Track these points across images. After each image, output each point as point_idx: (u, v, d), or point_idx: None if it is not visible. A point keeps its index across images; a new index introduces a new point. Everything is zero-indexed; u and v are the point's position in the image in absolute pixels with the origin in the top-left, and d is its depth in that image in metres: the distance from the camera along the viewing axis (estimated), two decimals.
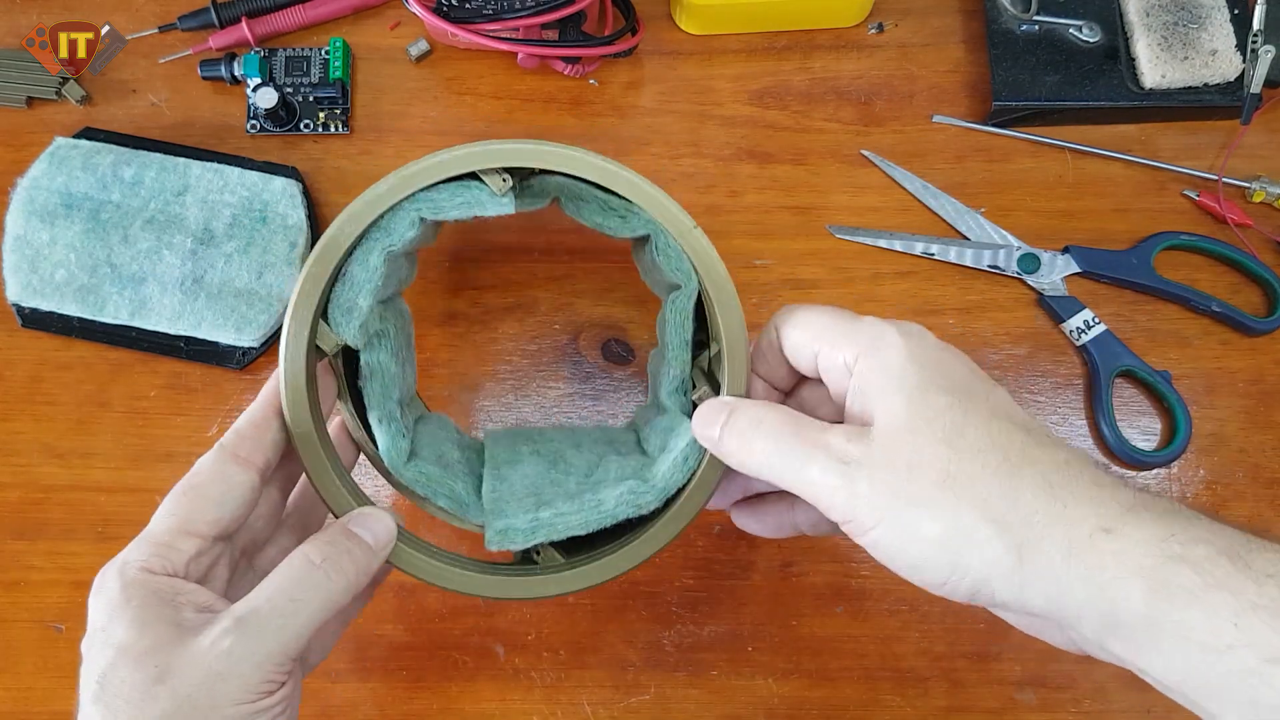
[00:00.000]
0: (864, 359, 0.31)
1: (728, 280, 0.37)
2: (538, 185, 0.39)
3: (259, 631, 0.31)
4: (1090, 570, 0.26)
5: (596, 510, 0.37)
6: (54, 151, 0.49)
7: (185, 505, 0.34)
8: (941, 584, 0.29)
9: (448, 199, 0.37)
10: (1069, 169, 0.52)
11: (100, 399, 0.49)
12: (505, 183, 0.37)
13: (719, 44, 0.54)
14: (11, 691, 0.47)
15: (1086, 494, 0.28)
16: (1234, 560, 0.25)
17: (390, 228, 0.37)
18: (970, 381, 0.31)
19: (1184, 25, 0.50)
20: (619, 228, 0.39)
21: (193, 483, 0.34)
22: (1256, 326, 0.49)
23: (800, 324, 0.34)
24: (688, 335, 0.39)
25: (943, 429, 0.29)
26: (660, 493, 0.37)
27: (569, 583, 0.37)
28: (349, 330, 0.37)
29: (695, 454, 0.37)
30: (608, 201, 0.39)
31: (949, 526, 0.28)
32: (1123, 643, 0.27)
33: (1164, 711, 0.46)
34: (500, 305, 0.50)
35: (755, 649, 0.47)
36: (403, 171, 0.36)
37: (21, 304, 0.48)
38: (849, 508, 0.30)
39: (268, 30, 0.53)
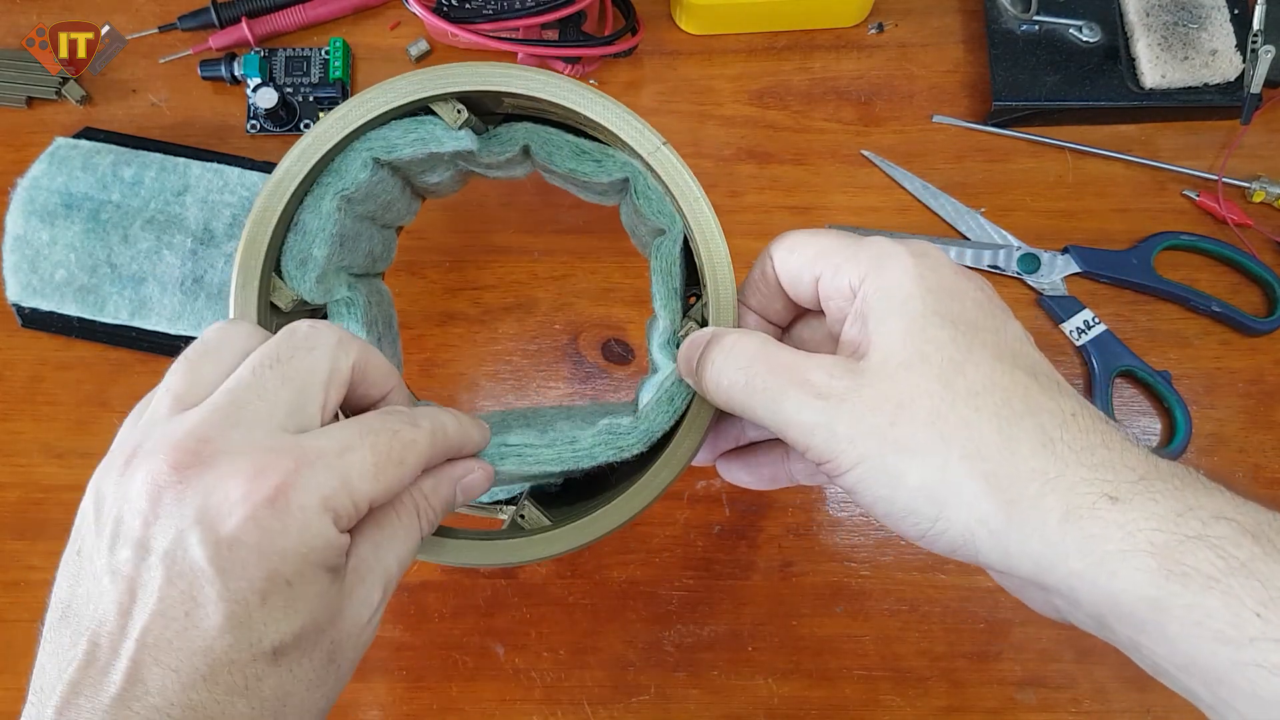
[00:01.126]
0: (869, 280, 0.28)
1: (704, 200, 0.34)
2: (505, 133, 0.37)
3: (390, 593, 0.28)
4: (1089, 540, 0.24)
5: (571, 448, 0.34)
6: (54, 151, 0.49)
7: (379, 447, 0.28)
8: (920, 536, 0.27)
9: (400, 135, 0.35)
10: (1069, 169, 0.52)
11: (100, 399, 0.49)
12: (459, 114, 0.35)
13: (719, 44, 0.54)
14: (11, 691, 0.47)
15: (1093, 454, 0.25)
16: (1260, 542, 0.23)
17: (342, 170, 0.35)
18: (980, 313, 0.28)
19: (1184, 25, 0.50)
20: (594, 172, 0.36)
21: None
22: (1256, 326, 0.49)
23: (798, 247, 0.31)
24: (675, 284, 0.36)
25: (940, 365, 0.26)
26: (643, 435, 0.34)
27: (558, 543, 0.34)
28: (304, 283, 0.35)
29: (681, 393, 0.34)
30: (579, 145, 0.37)
31: (934, 475, 0.26)
32: (1119, 621, 0.24)
33: (1163, 711, 0.46)
34: (500, 305, 0.50)
35: (755, 649, 0.47)
36: (349, 104, 0.34)
37: (21, 304, 0.48)
38: (827, 447, 0.27)
39: (268, 30, 0.53)
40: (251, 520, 0.24)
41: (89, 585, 0.25)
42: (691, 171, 0.34)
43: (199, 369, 0.28)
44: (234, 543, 0.24)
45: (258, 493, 0.24)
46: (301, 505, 0.25)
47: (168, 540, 0.24)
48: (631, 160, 0.36)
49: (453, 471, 0.32)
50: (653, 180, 0.36)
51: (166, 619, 0.24)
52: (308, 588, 0.25)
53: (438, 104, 0.35)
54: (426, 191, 0.42)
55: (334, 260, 0.36)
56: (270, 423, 0.26)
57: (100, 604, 0.24)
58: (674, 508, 0.48)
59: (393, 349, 0.41)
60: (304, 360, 0.28)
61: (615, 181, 0.37)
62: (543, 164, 0.38)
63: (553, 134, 0.37)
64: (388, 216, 0.40)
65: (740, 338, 0.30)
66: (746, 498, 0.48)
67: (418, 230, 0.51)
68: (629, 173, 0.36)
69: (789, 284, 0.32)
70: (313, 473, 0.25)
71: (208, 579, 0.24)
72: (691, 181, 0.34)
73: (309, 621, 0.25)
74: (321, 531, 0.25)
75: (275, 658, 0.25)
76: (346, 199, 0.35)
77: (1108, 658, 0.46)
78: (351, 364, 0.29)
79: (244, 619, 0.24)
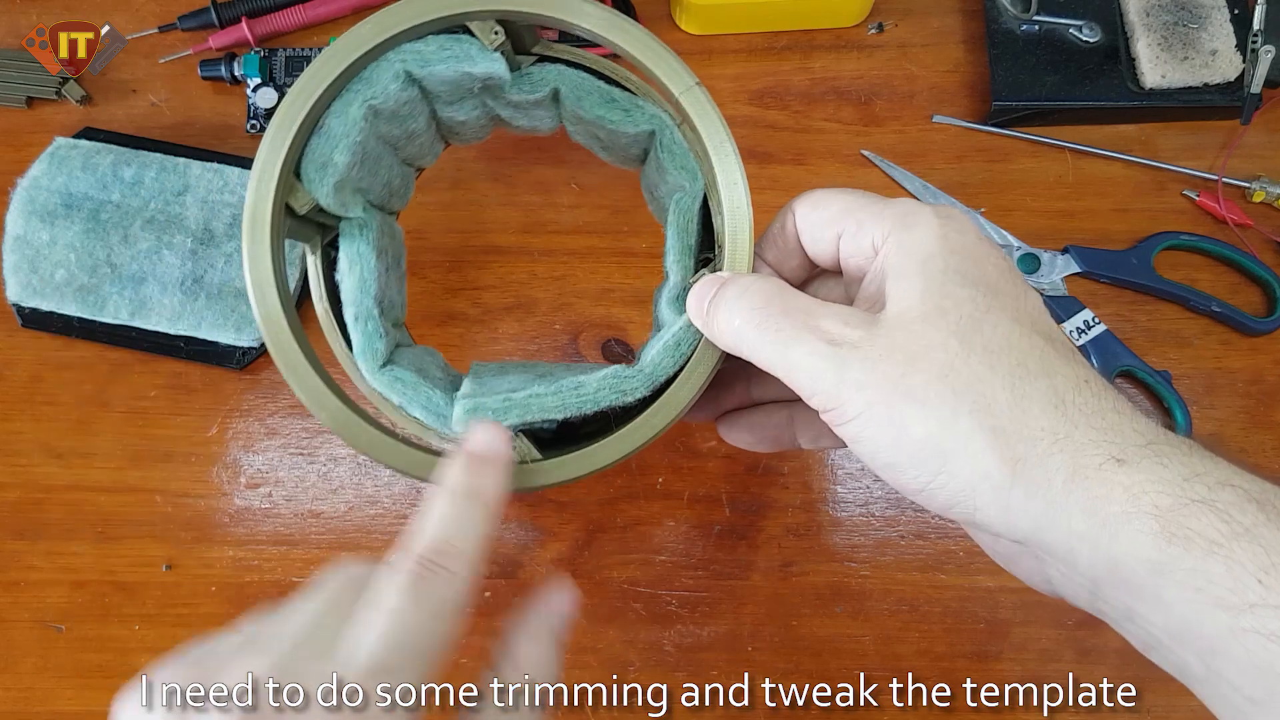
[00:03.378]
0: (892, 237, 0.28)
1: (730, 141, 0.33)
2: (537, 73, 0.37)
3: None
4: (1094, 501, 0.24)
5: (575, 393, 0.33)
6: (54, 151, 0.49)
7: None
8: (919, 489, 0.26)
9: (435, 51, 0.34)
10: (1069, 169, 0.52)
11: (100, 399, 0.49)
12: (497, 35, 0.34)
13: (719, 44, 0.54)
14: (11, 692, 0.47)
15: (1103, 418, 0.25)
16: (1265, 509, 0.23)
17: (373, 79, 0.34)
18: (1002, 278, 0.27)
19: (1184, 25, 0.50)
20: (621, 121, 0.36)
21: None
22: (1256, 326, 0.49)
23: (822, 203, 0.30)
24: (691, 240, 0.35)
25: (957, 321, 0.26)
26: (647, 379, 0.33)
27: (548, 474, 0.33)
28: (322, 187, 0.34)
29: (688, 339, 0.33)
30: (610, 92, 0.36)
31: (941, 426, 0.25)
32: (1116, 586, 0.24)
33: (1163, 712, 0.46)
34: (500, 305, 0.50)
35: (755, 649, 0.47)
36: (386, 10, 0.34)
37: (21, 304, 0.48)
38: (834, 394, 0.26)
39: (268, 30, 0.53)
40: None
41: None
42: (721, 114, 0.34)
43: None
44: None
45: None
46: None
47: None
48: (660, 112, 0.36)
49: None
50: (678, 133, 0.35)
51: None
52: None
53: (476, 24, 0.34)
54: (451, 132, 0.41)
55: (354, 174, 0.35)
56: None
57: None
58: (674, 507, 0.48)
59: (399, 285, 0.40)
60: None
61: (641, 135, 0.36)
62: (572, 110, 0.37)
63: (584, 78, 0.37)
64: (410, 149, 0.40)
65: (756, 280, 0.30)
66: (746, 498, 0.48)
67: (418, 230, 0.51)
68: (656, 125, 0.36)
69: (809, 241, 0.31)
70: None
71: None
72: (720, 123, 0.33)
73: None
74: None
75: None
76: (374, 110, 0.35)
77: (1107, 658, 0.46)
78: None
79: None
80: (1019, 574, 0.29)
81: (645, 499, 0.48)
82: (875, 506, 0.48)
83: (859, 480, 0.48)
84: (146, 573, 0.47)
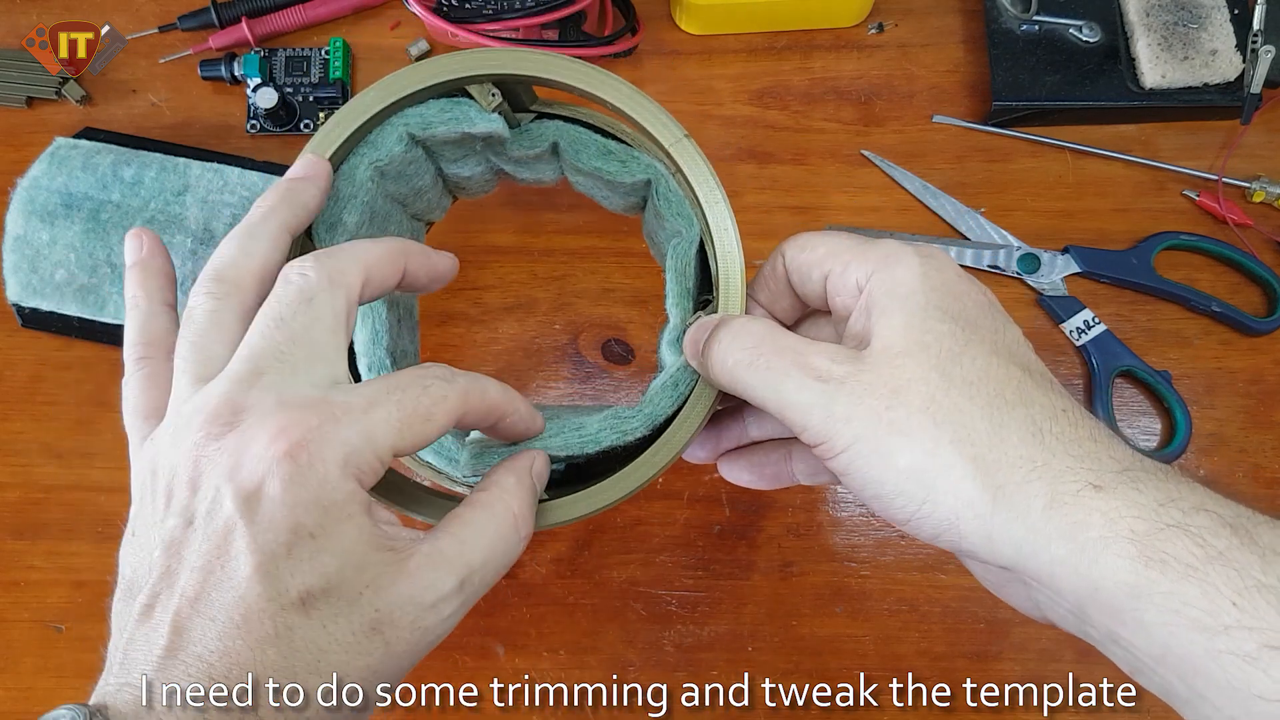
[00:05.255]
0: (876, 276, 0.29)
1: (720, 190, 0.35)
2: (535, 129, 0.39)
3: (477, 590, 0.29)
4: (1072, 526, 0.25)
5: (578, 434, 0.34)
6: (54, 151, 0.49)
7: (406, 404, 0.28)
8: (906, 520, 0.27)
9: (436, 114, 0.36)
10: (1069, 169, 0.52)
11: (100, 399, 0.49)
12: (494, 98, 0.36)
13: (719, 44, 0.54)
14: (11, 691, 0.47)
15: (1080, 445, 0.26)
16: (1238, 533, 0.23)
17: (378, 142, 0.36)
18: (981, 313, 0.29)
19: (1184, 25, 0.50)
20: (619, 171, 0.38)
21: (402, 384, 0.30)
22: (1256, 326, 0.49)
23: (808, 247, 0.32)
24: (689, 283, 0.37)
25: (938, 355, 0.27)
26: (646, 418, 0.34)
27: (554, 514, 0.34)
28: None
29: (686, 379, 0.35)
30: (606, 145, 0.38)
31: (924, 457, 0.26)
32: (1098, 610, 0.25)
33: (1163, 712, 0.45)
34: (500, 305, 0.50)
35: (755, 649, 0.47)
36: (389, 78, 0.35)
37: (21, 304, 0.48)
38: (823, 428, 0.28)
39: (268, 30, 0.53)
40: (275, 474, 0.25)
41: (145, 559, 0.27)
42: (711, 164, 0.35)
43: (204, 347, 0.29)
44: (260, 496, 0.25)
45: (280, 448, 0.25)
46: (323, 459, 0.26)
47: (207, 502, 0.26)
48: (655, 162, 0.37)
49: (522, 462, 0.32)
50: (673, 182, 0.37)
51: (205, 573, 0.25)
52: (332, 541, 0.26)
53: (473, 87, 0.36)
54: (458, 187, 0.42)
55: (363, 232, 0.36)
56: (294, 381, 0.27)
57: (153, 572, 0.26)
58: (674, 507, 0.48)
59: (411, 335, 0.42)
60: (305, 314, 0.28)
61: (638, 183, 0.38)
62: (571, 162, 0.39)
63: (581, 132, 0.38)
64: (418, 205, 0.41)
65: (748, 321, 0.31)
66: (746, 498, 0.48)
67: None
68: (651, 174, 0.37)
69: (798, 281, 0.33)
70: (336, 428, 0.26)
71: (239, 532, 0.25)
72: (710, 173, 0.35)
73: (336, 575, 0.26)
74: (341, 485, 0.26)
75: (304, 608, 0.25)
76: (380, 171, 0.36)
77: (1107, 658, 0.46)
78: (355, 292, 0.30)
79: (271, 569, 0.25)
80: (1010, 600, 0.29)
81: (645, 499, 0.48)
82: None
83: None
84: None
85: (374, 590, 0.26)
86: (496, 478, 0.32)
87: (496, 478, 0.32)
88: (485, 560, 0.29)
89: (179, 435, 0.27)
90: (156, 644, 0.25)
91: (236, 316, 0.30)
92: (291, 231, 0.32)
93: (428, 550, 0.28)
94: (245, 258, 0.31)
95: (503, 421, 0.32)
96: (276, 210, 0.32)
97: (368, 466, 0.27)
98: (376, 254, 0.31)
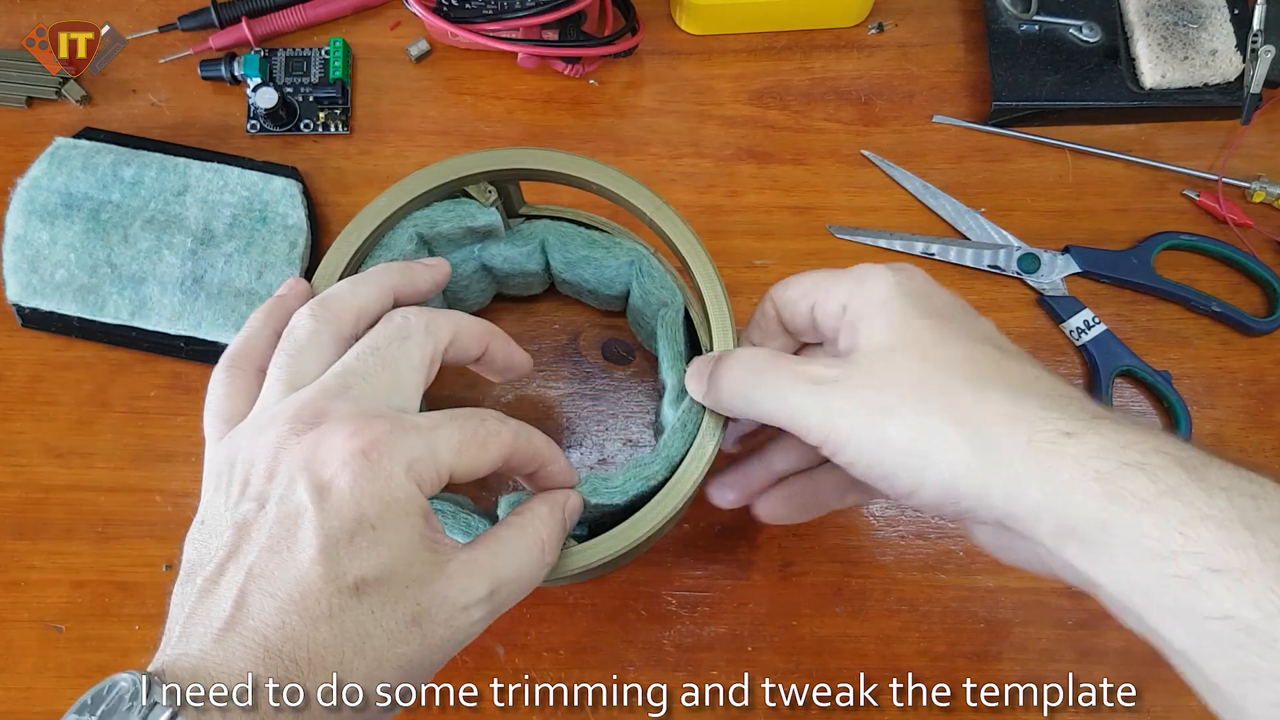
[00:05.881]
0: (854, 294, 0.32)
1: (700, 246, 0.38)
2: (528, 229, 0.43)
3: (503, 602, 0.31)
4: (1047, 471, 0.27)
5: (605, 483, 0.37)
6: (54, 151, 0.49)
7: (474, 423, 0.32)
8: (910, 491, 0.30)
9: (441, 214, 0.40)
10: (1069, 169, 0.52)
11: (100, 399, 0.49)
12: (490, 193, 0.40)
13: (719, 44, 0.54)
14: (11, 691, 0.47)
15: (1053, 400, 0.29)
16: (1189, 471, 0.26)
17: (391, 243, 0.39)
18: (954, 310, 0.32)
19: (1184, 25, 0.50)
20: (604, 257, 0.42)
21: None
22: (1256, 326, 0.49)
23: (792, 283, 0.35)
24: (680, 347, 0.40)
25: (919, 345, 0.31)
26: (665, 461, 0.37)
27: (584, 556, 0.36)
28: None
29: (693, 420, 0.37)
30: (591, 235, 0.43)
31: (917, 430, 0.29)
32: (1078, 548, 0.27)
33: (1163, 712, 0.46)
34: (500, 305, 0.50)
35: (755, 649, 0.47)
36: (400, 184, 0.39)
37: (21, 304, 0.48)
38: (825, 426, 0.31)
39: (268, 30, 0.53)
40: (347, 468, 0.28)
41: (213, 541, 0.29)
42: (689, 224, 0.39)
43: (300, 361, 0.32)
44: (331, 486, 0.28)
45: (355, 445, 0.28)
46: (391, 459, 0.28)
47: (281, 488, 0.28)
48: (636, 246, 0.42)
49: (558, 497, 0.35)
50: (655, 260, 0.41)
51: (272, 552, 0.27)
52: (390, 534, 0.28)
53: (472, 186, 0.40)
54: (457, 299, 0.46)
55: None
56: (373, 398, 0.30)
57: (222, 550, 0.28)
58: None
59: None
60: (400, 348, 0.32)
61: (623, 266, 0.42)
62: (560, 256, 0.43)
63: (567, 227, 0.43)
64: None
65: (748, 349, 0.36)
66: None
67: None
68: (634, 256, 0.42)
69: (788, 317, 0.36)
70: (405, 436, 0.29)
71: (308, 516, 0.27)
72: (690, 232, 0.38)
73: (389, 566, 0.28)
74: (404, 486, 0.28)
75: (358, 593, 0.27)
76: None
77: (1107, 658, 0.46)
78: (444, 344, 0.33)
79: (333, 552, 0.27)
80: (1018, 562, 0.31)
81: None
82: (875, 506, 0.48)
83: None
84: (146, 573, 0.47)
85: (418, 586, 0.28)
86: (533, 505, 0.34)
87: (533, 505, 0.34)
88: (514, 576, 0.31)
89: (263, 431, 0.30)
90: (218, 616, 0.27)
91: (332, 340, 0.33)
92: (396, 295, 0.35)
93: (465, 558, 0.30)
94: (351, 296, 0.34)
95: (543, 469, 0.35)
96: (391, 272, 0.36)
97: (429, 474, 0.29)
98: (469, 323, 0.35)
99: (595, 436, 0.49)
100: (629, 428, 0.49)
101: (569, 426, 0.49)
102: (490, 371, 0.38)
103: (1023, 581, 0.47)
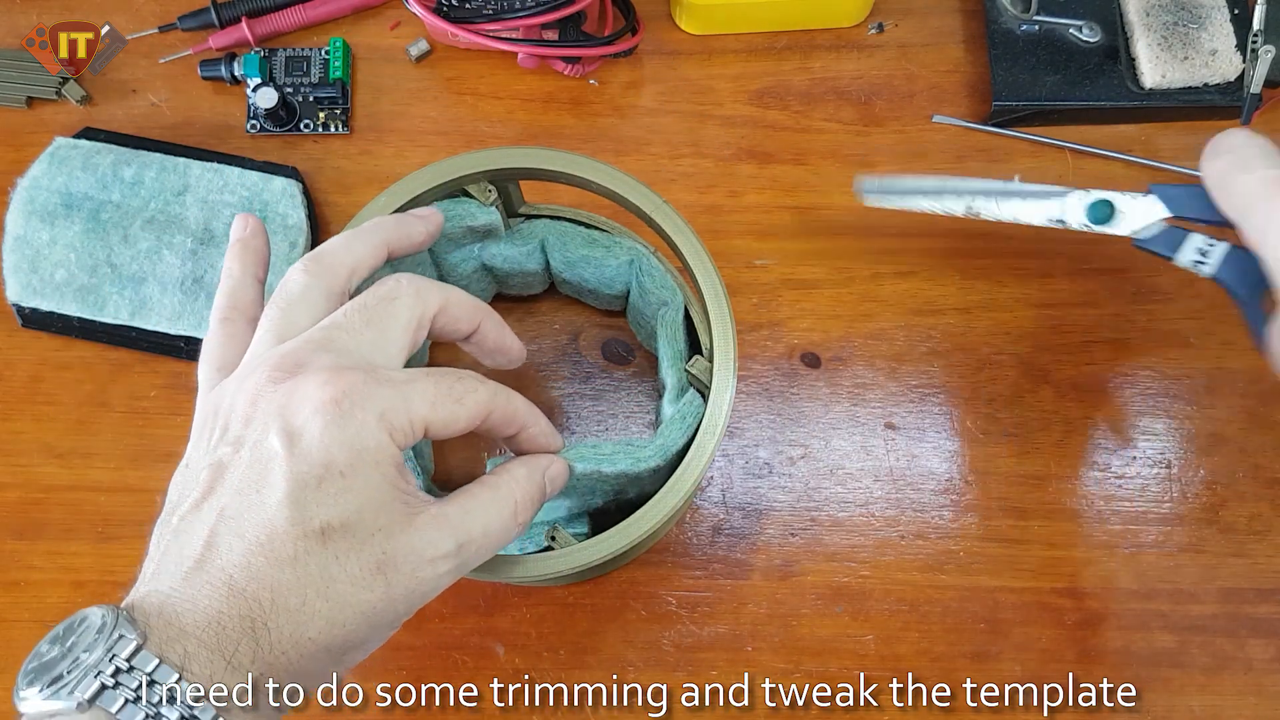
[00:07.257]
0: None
1: (699, 243, 0.38)
2: (527, 228, 0.43)
3: (470, 558, 0.31)
4: None
5: (593, 450, 0.37)
6: (54, 151, 0.49)
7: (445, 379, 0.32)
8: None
9: (443, 213, 0.40)
10: (1069, 169, 0.52)
11: (100, 399, 0.49)
12: (490, 193, 0.40)
13: (719, 44, 0.54)
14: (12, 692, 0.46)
15: None
16: None
17: None
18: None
19: (1184, 25, 0.50)
20: (604, 256, 0.42)
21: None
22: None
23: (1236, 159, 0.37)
24: (680, 346, 0.40)
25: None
26: (658, 449, 0.37)
27: (587, 553, 0.36)
28: None
29: (693, 412, 0.37)
30: (590, 235, 0.43)
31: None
32: None
33: (1164, 712, 0.46)
34: (500, 305, 0.50)
35: (755, 649, 0.47)
36: (401, 183, 0.39)
37: (21, 304, 0.48)
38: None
39: (268, 30, 0.53)
40: (318, 415, 0.28)
41: (191, 480, 0.30)
42: (688, 222, 0.39)
43: (291, 314, 0.32)
44: (302, 432, 0.28)
45: (327, 394, 0.28)
46: (363, 409, 0.29)
47: (256, 433, 0.29)
48: (635, 245, 0.42)
49: (539, 461, 0.35)
50: (654, 260, 0.41)
51: (242, 494, 0.28)
52: (359, 482, 0.28)
53: (472, 186, 0.40)
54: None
55: None
56: (355, 353, 0.31)
57: (198, 489, 0.29)
58: None
59: (427, 440, 0.44)
60: (387, 308, 0.32)
61: (622, 265, 0.42)
62: (560, 255, 0.43)
63: (567, 226, 0.43)
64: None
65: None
66: (745, 498, 0.48)
67: None
68: (634, 255, 0.42)
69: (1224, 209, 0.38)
70: (378, 387, 0.29)
71: (278, 461, 0.28)
72: (688, 229, 0.39)
73: (356, 513, 0.28)
74: (375, 435, 0.29)
75: (323, 537, 0.28)
76: (392, 269, 0.38)
77: (1107, 658, 0.46)
78: (432, 311, 0.33)
79: (299, 497, 0.28)
80: None
81: None
82: (875, 506, 0.48)
83: (859, 480, 0.48)
84: None
85: (385, 535, 0.29)
86: (510, 466, 0.34)
87: (510, 466, 0.34)
88: (483, 534, 0.31)
89: (245, 379, 0.30)
90: (189, 555, 0.28)
91: (324, 295, 0.33)
92: (391, 250, 0.36)
93: (435, 512, 0.30)
94: (345, 252, 0.34)
95: (524, 432, 0.35)
96: (385, 227, 0.36)
97: (401, 425, 0.30)
98: (460, 296, 0.35)
99: (595, 436, 0.49)
100: (629, 428, 0.49)
101: (569, 426, 0.49)
102: (482, 353, 0.38)
103: (1023, 581, 0.47)
